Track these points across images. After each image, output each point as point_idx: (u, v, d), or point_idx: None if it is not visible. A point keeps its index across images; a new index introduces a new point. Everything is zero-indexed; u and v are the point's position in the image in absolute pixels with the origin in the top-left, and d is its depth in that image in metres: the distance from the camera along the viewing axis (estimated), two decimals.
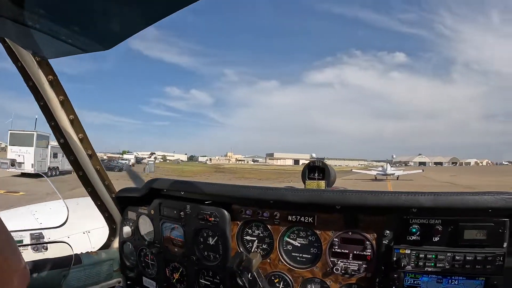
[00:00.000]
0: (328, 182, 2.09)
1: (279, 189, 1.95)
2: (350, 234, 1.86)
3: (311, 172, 2.14)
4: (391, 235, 1.75)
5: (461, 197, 1.61)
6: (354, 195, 1.76)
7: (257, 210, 2.09)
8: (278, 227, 2.03)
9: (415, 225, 1.70)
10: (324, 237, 1.91)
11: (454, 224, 1.64)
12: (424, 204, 1.65)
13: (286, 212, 1.99)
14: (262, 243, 2.12)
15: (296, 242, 2.01)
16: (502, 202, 1.54)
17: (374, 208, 1.76)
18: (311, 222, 1.92)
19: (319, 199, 1.84)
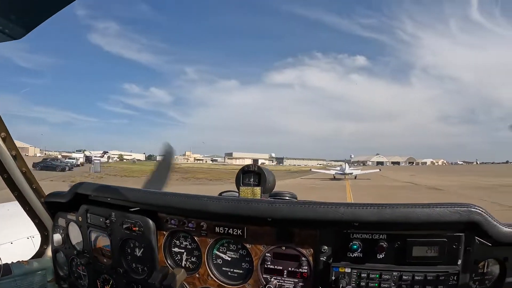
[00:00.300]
0: (264, 188, 1.88)
1: (201, 198, 1.78)
2: (284, 249, 1.69)
3: (246, 177, 1.94)
4: (330, 251, 1.59)
5: (411, 210, 1.45)
6: (285, 207, 1.60)
7: (182, 220, 1.91)
8: (205, 239, 1.86)
9: (356, 240, 1.54)
10: (255, 252, 1.74)
11: (401, 240, 1.49)
12: (366, 219, 1.49)
13: (213, 223, 1.82)
14: (190, 256, 1.95)
15: (226, 255, 1.85)
16: (457, 215, 1.41)
17: (308, 221, 1.58)
18: (240, 235, 1.75)
19: (245, 210, 1.66)
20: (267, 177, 1.95)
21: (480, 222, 1.41)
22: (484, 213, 1.42)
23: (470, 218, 1.41)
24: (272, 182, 2.02)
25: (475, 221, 1.41)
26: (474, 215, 1.41)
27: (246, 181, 1.96)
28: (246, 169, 1.96)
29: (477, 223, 1.41)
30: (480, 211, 1.42)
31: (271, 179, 1.99)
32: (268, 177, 1.97)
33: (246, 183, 1.96)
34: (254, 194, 1.91)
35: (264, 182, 1.92)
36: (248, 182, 1.96)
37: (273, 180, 2.02)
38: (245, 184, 1.96)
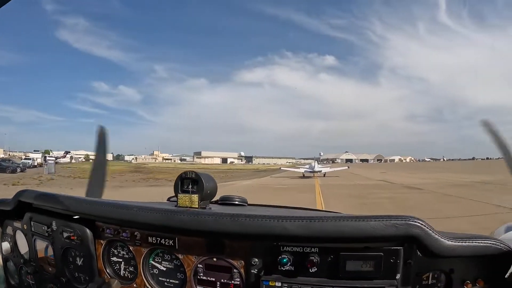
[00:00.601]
0: (201, 196, 1.81)
1: (132, 208, 1.75)
2: (215, 261, 1.66)
3: (185, 184, 1.86)
4: (260, 263, 1.54)
5: (342, 224, 1.38)
6: (211, 219, 1.56)
7: (117, 229, 1.87)
8: (140, 248, 1.83)
9: (286, 253, 1.46)
10: (187, 263, 1.71)
11: (334, 254, 1.43)
12: (294, 233, 1.42)
13: (146, 232, 1.78)
14: (128, 266, 1.92)
15: (161, 266, 1.83)
16: (392, 229, 1.34)
17: (234, 234, 1.54)
18: (172, 245, 1.72)
19: (173, 222, 1.64)
20: (206, 184, 1.83)
21: (419, 236, 1.34)
22: (423, 226, 1.34)
23: (408, 232, 1.34)
24: (212, 189, 1.89)
25: (413, 235, 1.34)
26: (412, 229, 1.34)
27: (185, 188, 1.84)
28: (184, 176, 1.85)
29: (416, 237, 1.34)
30: (419, 224, 1.34)
31: (210, 185, 1.87)
32: (207, 184, 1.84)
33: (185, 190, 1.84)
34: (191, 201, 1.80)
35: (202, 189, 1.81)
36: (187, 189, 1.84)
37: (213, 186, 1.89)
38: (183, 191, 1.84)
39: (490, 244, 1.39)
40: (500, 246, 1.39)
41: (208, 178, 1.90)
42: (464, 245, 1.38)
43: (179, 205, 1.82)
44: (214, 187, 1.92)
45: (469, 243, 1.38)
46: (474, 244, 1.38)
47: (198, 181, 1.83)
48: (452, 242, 1.37)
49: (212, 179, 1.93)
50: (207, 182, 1.85)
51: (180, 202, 1.83)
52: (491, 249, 1.39)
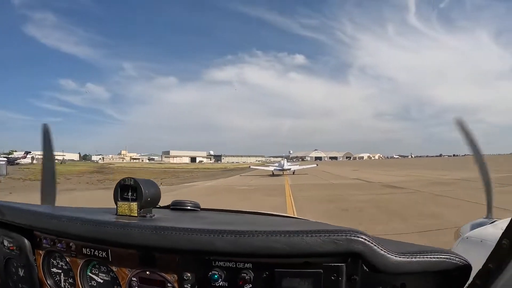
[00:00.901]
0: (140, 203, 1.71)
1: (61, 218, 1.67)
2: (149, 274, 1.54)
3: (124, 192, 1.75)
4: (193, 278, 1.43)
5: (274, 239, 1.24)
6: (136, 232, 1.45)
7: (54, 239, 1.78)
8: (76, 259, 1.73)
9: (217, 269, 1.36)
10: (121, 275, 1.61)
11: (269, 270, 1.30)
12: (222, 249, 1.30)
13: (80, 243, 1.69)
14: (67, 277, 1.81)
15: (99, 278, 1.72)
16: (331, 245, 1.20)
17: (160, 249, 1.44)
18: (106, 257, 1.62)
19: (101, 234, 1.55)
20: (145, 192, 1.73)
21: (362, 252, 1.21)
22: (367, 242, 1.21)
23: (349, 249, 1.21)
24: (154, 196, 1.78)
25: (355, 252, 1.21)
26: (354, 245, 1.20)
27: (124, 195, 1.74)
28: (123, 183, 1.74)
29: (359, 253, 1.21)
30: (362, 239, 1.21)
31: (151, 192, 1.76)
32: (147, 191, 1.74)
33: (124, 197, 1.74)
34: (130, 210, 1.72)
35: (141, 197, 1.71)
36: (126, 197, 1.74)
37: (154, 193, 1.78)
38: (123, 199, 1.75)
39: (444, 258, 1.28)
40: (455, 261, 1.28)
41: (149, 185, 1.77)
42: (413, 261, 1.25)
43: (119, 213, 1.72)
44: (156, 194, 1.79)
45: (419, 259, 1.26)
46: (426, 260, 1.26)
47: (137, 189, 1.71)
48: (400, 258, 1.24)
49: (153, 186, 1.80)
50: (147, 189, 1.73)
51: (120, 210, 1.74)
52: (446, 264, 1.28)
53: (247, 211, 2.50)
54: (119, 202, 1.75)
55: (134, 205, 1.71)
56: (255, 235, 1.25)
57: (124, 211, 1.72)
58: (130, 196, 1.73)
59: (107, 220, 1.59)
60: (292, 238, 1.21)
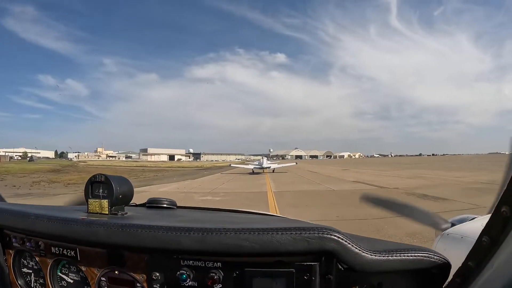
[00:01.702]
0: (111, 201, 1.66)
1: (29, 216, 1.60)
2: (118, 274, 1.50)
3: (96, 189, 1.69)
4: (162, 278, 1.37)
5: (243, 237, 1.19)
6: (101, 230, 1.41)
7: (23, 238, 1.72)
8: (45, 259, 1.68)
9: (186, 268, 1.31)
10: (90, 275, 1.57)
11: (239, 269, 1.25)
12: (189, 247, 1.25)
13: (49, 242, 1.64)
14: (38, 277, 1.75)
15: (69, 278, 1.67)
16: (303, 244, 1.15)
17: (127, 247, 1.40)
18: (74, 256, 1.58)
19: (68, 232, 1.49)
20: (117, 188, 1.67)
21: (335, 250, 1.16)
22: (341, 240, 1.16)
23: (321, 247, 1.16)
24: (126, 193, 1.72)
25: (328, 250, 1.16)
26: (326, 243, 1.16)
27: (96, 192, 1.68)
28: (94, 180, 1.68)
29: (332, 252, 1.17)
30: (335, 237, 1.16)
31: (123, 189, 1.70)
32: (119, 188, 1.68)
33: (96, 194, 1.68)
34: (101, 207, 1.67)
35: (112, 194, 1.65)
36: (97, 193, 1.69)
37: (126, 190, 1.72)
38: (94, 196, 1.69)
39: (422, 257, 1.25)
40: (434, 259, 1.26)
41: (121, 182, 1.72)
42: (390, 259, 1.21)
43: (90, 211, 1.66)
44: (128, 191, 1.74)
45: (396, 257, 1.22)
46: (403, 258, 1.23)
47: (108, 185, 1.66)
48: (376, 256, 1.20)
49: (126, 183, 1.75)
50: (118, 186, 1.68)
51: (91, 208, 1.68)
52: (424, 262, 1.25)
53: (225, 209, 2.37)
54: (90, 200, 1.67)
55: (105, 203, 1.64)
56: (223, 233, 1.20)
57: (95, 209, 1.65)
58: (101, 193, 1.65)
59: (74, 218, 1.52)
60: (262, 236, 1.16)
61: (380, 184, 23.55)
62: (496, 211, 0.97)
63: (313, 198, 17.65)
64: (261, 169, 46.90)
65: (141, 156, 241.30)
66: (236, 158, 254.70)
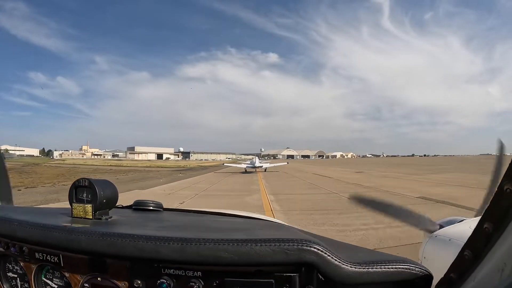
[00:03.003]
0: (95, 205, 1.66)
1: (12, 222, 1.61)
2: (100, 280, 1.48)
3: (80, 193, 1.69)
4: (144, 285, 1.36)
5: (222, 248, 1.19)
6: (83, 238, 1.40)
7: (7, 243, 1.70)
8: (29, 264, 1.67)
9: (166, 277, 1.31)
10: (74, 281, 1.55)
11: (219, 279, 1.25)
12: (168, 257, 1.26)
13: (33, 247, 1.61)
14: (24, 282, 1.74)
15: (53, 283, 1.65)
16: (282, 255, 1.15)
17: (107, 255, 1.39)
18: (58, 262, 1.55)
19: (49, 239, 1.49)
20: (101, 193, 1.67)
21: (315, 263, 1.15)
22: (320, 252, 1.15)
23: (300, 259, 1.15)
24: (110, 197, 1.72)
25: (308, 262, 1.15)
26: (305, 255, 1.15)
27: (80, 196, 1.69)
28: (77, 184, 1.68)
29: (312, 264, 1.16)
30: (314, 250, 1.15)
31: (107, 194, 1.70)
32: (103, 193, 1.68)
33: (80, 198, 1.69)
34: (85, 212, 1.67)
35: (95, 198, 1.66)
36: (82, 198, 1.69)
37: (110, 194, 1.72)
38: (78, 200, 1.69)
39: (403, 269, 1.22)
40: (415, 271, 1.23)
41: (105, 186, 1.72)
42: (370, 272, 1.19)
43: (74, 216, 1.67)
44: (112, 195, 1.73)
45: (376, 269, 1.20)
46: (384, 270, 1.20)
47: (92, 190, 1.66)
48: (356, 268, 1.18)
49: (110, 186, 1.75)
50: (102, 191, 1.68)
51: (75, 212, 1.69)
52: (405, 274, 1.22)
53: (211, 211, 2.34)
54: (74, 204, 1.68)
55: (89, 207, 1.65)
56: (202, 244, 1.20)
57: (79, 213, 1.66)
58: (85, 197, 1.66)
59: (55, 225, 1.52)
60: (241, 247, 1.17)
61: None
62: (479, 227, 0.98)
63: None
64: (253, 168, 46.63)
65: (128, 155, 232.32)
66: (227, 158, 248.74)
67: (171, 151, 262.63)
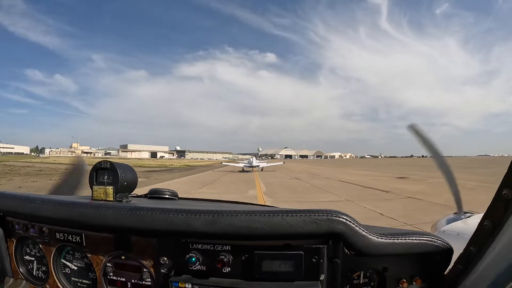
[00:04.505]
0: (117, 188, 1.62)
1: (34, 200, 1.59)
2: (124, 259, 1.47)
3: (101, 175, 1.66)
4: (170, 262, 1.36)
5: (254, 219, 1.19)
6: (110, 213, 1.38)
7: (26, 225, 1.67)
8: (49, 246, 1.64)
9: (195, 252, 1.29)
10: (96, 262, 1.54)
11: (249, 253, 1.25)
12: (199, 229, 1.24)
13: (54, 228, 1.59)
14: (41, 265, 1.71)
15: (73, 264, 1.63)
16: (313, 225, 1.16)
17: (137, 230, 1.37)
18: (80, 242, 1.54)
19: (74, 215, 1.47)
20: (122, 175, 1.64)
21: (343, 232, 1.17)
22: (349, 222, 1.17)
23: (330, 229, 1.16)
24: (131, 181, 1.70)
25: (337, 232, 1.17)
26: (335, 225, 1.16)
27: (101, 179, 1.65)
28: (98, 166, 1.65)
29: (340, 234, 1.17)
30: (343, 220, 1.17)
31: (128, 177, 1.68)
32: (124, 175, 1.65)
33: (100, 181, 1.65)
34: (106, 194, 1.62)
35: (117, 181, 1.62)
36: (102, 180, 1.65)
37: (131, 178, 1.70)
38: (99, 183, 1.65)
39: (425, 241, 1.25)
40: (437, 243, 1.25)
41: (126, 169, 1.69)
42: (396, 243, 1.22)
43: (94, 198, 1.62)
44: (133, 178, 1.71)
45: (401, 240, 1.22)
46: (408, 241, 1.23)
47: (114, 172, 1.63)
48: (382, 239, 1.21)
49: (130, 170, 1.72)
50: (123, 173, 1.65)
51: (95, 194, 1.64)
52: (427, 246, 1.25)
53: (226, 200, 2.31)
54: (95, 186, 1.63)
55: (110, 189, 1.60)
56: (234, 215, 1.20)
57: (99, 196, 1.61)
58: (106, 180, 1.62)
59: (81, 202, 1.50)
60: (273, 218, 1.17)
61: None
62: (498, 194, 0.98)
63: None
64: (250, 167, 46.10)
65: (120, 153, 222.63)
66: (223, 157, 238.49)
67: (165, 149, 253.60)
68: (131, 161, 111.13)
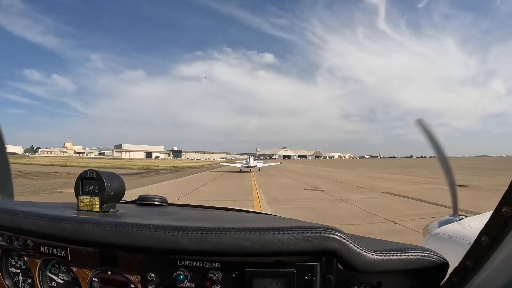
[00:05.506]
0: (103, 198, 1.54)
1: (16, 213, 1.50)
2: (110, 274, 1.38)
3: (87, 185, 1.57)
4: (158, 279, 1.27)
5: (244, 236, 1.13)
6: (95, 229, 1.29)
7: (11, 237, 1.59)
8: (33, 258, 1.56)
9: (183, 269, 1.23)
10: (82, 276, 1.44)
11: (239, 270, 1.18)
12: (186, 247, 1.17)
13: (38, 241, 1.51)
14: (26, 277, 1.63)
15: (59, 278, 1.54)
16: (305, 243, 1.10)
17: (121, 246, 1.29)
18: (64, 256, 1.45)
19: (58, 230, 1.39)
20: (108, 185, 1.56)
21: (337, 250, 1.12)
22: (342, 239, 1.11)
23: (323, 246, 1.11)
24: (117, 190, 1.61)
25: (330, 249, 1.11)
26: (329, 243, 1.11)
27: (86, 189, 1.56)
28: (84, 176, 1.57)
29: (333, 251, 1.12)
30: (336, 237, 1.11)
31: (115, 186, 1.59)
32: (110, 185, 1.56)
33: (86, 191, 1.56)
34: (92, 204, 1.55)
35: (103, 190, 1.54)
36: (88, 190, 1.56)
37: (118, 187, 1.61)
38: (84, 192, 1.57)
39: (422, 256, 1.21)
40: (433, 258, 1.22)
41: (113, 178, 1.61)
42: (391, 259, 1.17)
43: (80, 208, 1.55)
44: (120, 187, 1.63)
45: (396, 257, 1.18)
46: (403, 258, 1.19)
47: (100, 182, 1.55)
48: (377, 256, 1.15)
49: (117, 179, 1.64)
50: (110, 183, 1.57)
51: (81, 205, 1.57)
52: (423, 262, 1.21)
53: (216, 206, 2.26)
54: (80, 196, 1.56)
55: (96, 200, 1.53)
56: (223, 232, 1.13)
57: (85, 206, 1.54)
58: (92, 189, 1.54)
59: (65, 216, 1.41)
60: (264, 236, 1.10)
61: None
62: (497, 211, 0.95)
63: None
64: (248, 167, 46.53)
65: (114, 153, 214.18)
66: (220, 157, 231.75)
67: (161, 149, 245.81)
68: (119, 161, 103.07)
